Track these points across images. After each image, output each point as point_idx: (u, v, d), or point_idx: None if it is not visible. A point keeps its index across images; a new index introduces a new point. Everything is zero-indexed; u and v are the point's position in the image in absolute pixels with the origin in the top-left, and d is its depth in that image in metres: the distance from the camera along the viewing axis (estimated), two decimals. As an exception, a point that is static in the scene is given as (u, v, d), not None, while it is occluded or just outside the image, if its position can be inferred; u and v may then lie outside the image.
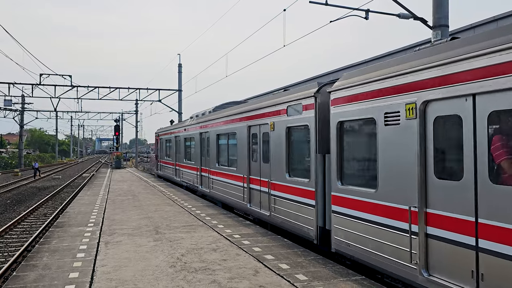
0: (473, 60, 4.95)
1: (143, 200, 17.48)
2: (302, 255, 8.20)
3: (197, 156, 18.45)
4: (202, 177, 17.71)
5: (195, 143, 19.06)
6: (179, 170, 22.67)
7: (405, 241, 6.03)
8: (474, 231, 4.99)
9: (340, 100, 7.70)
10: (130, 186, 24.54)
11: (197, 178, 18.59)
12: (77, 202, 16.99)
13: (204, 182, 17.54)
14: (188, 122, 21.16)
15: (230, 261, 7.82)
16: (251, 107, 12.15)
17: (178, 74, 36.79)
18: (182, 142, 21.94)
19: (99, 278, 6.87)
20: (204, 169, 17.49)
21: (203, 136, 17.62)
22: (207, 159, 17.04)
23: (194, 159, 19.29)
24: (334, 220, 7.85)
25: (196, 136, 18.66)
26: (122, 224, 11.82)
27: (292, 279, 6.74)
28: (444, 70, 5.38)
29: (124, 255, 8.30)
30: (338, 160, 7.76)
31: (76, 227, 11.40)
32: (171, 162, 25.25)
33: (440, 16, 10.05)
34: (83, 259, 8.00)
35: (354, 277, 6.80)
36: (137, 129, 59.84)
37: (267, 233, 10.37)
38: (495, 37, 4.82)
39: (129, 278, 6.83)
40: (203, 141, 17.76)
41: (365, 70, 7.32)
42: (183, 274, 7.06)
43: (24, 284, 6.58)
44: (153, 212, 14.00)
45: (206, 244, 9.21)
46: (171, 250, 8.73)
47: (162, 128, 29.70)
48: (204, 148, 17.62)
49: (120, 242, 9.46)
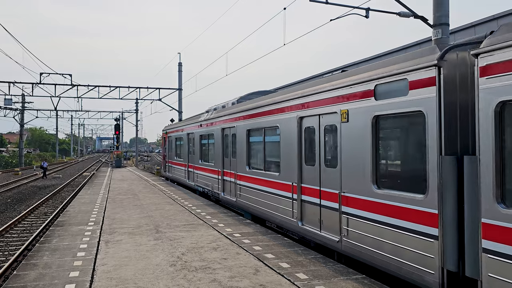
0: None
1: (144, 199, 17.48)
2: (303, 254, 8.19)
3: (218, 156, 15.28)
4: (225, 182, 14.65)
5: (214, 141, 15.80)
6: (193, 172, 19.48)
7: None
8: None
9: (501, 67, 4.86)
10: (131, 185, 24.54)
11: (218, 183, 15.33)
12: (78, 201, 16.99)
13: (227, 189, 14.44)
14: (204, 116, 17.65)
15: (230, 260, 7.82)
16: (305, 91, 9.14)
17: (178, 73, 36.76)
18: (197, 140, 18.73)
19: (100, 277, 6.87)
20: (228, 173, 14.39)
21: (227, 132, 14.65)
22: (232, 160, 13.98)
23: (213, 160, 16.01)
24: (492, 266, 4.87)
25: (217, 133, 15.45)
26: (122, 223, 11.82)
27: (293, 278, 6.74)
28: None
29: (125, 254, 8.30)
30: (498, 167, 4.88)
31: (77, 226, 11.40)
32: (182, 163, 22.06)
33: (440, 15, 10.02)
34: (83, 258, 8.00)
35: (354, 276, 6.80)
36: (137, 128, 59.83)
37: (267, 232, 10.37)
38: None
39: (129, 277, 6.83)
40: (226, 138, 14.73)
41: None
42: (184, 273, 7.06)
43: (24, 283, 6.58)
44: (154, 211, 14.00)
45: (206, 243, 9.20)
46: (171, 249, 8.73)
47: (171, 125, 26.40)
48: (227, 147, 14.52)
49: (120, 241, 9.46)
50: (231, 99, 15.45)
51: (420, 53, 6.20)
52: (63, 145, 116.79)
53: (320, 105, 8.50)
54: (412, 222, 6.12)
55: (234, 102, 14.70)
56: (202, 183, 17.63)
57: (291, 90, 10.12)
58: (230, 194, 14.12)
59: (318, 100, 8.58)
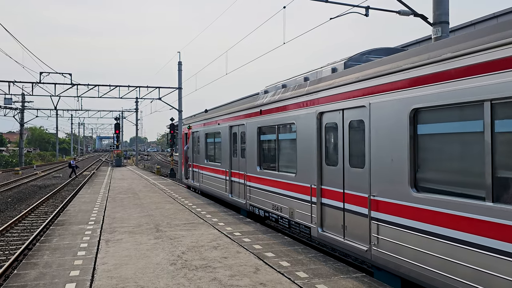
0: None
1: (144, 198, 17.48)
2: (303, 253, 8.19)
3: (308, 162, 8.90)
4: (328, 211, 8.30)
5: (301, 137, 9.24)
6: (243, 185, 12.88)
7: None
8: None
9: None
10: (131, 184, 24.55)
11: (311, 211, 8.81)
12: (78, 200, 17.00)
13: (333, 222, 8.15)
14: (263, 99, 11.40)
15: (230, 259, 7.82)
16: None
17: (178, 72, 36.74)
18: (253, 136, 12.04)
19: (100, 276, 6.87)
20: (331, 193, 8.18)
21: (339, 119, 7.95)
22: (354, 174, 7.60)
23: (301, 167, 9.22)
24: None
25: (302, 123, 9.15)
26: (122, 222, 11.83)
27: (293, 276, 6.74)
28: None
29: (125, 253, 8.31)
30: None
31: (77, 225, 11.40)
32: (218, 169, 15.45)
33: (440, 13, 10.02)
34: (84, 257, 8.00)
35: (354, 274, 6.80)
36: (137, 127, 59.83)
37: (267, 230, 10.38)
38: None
39: (130, 276, 6.84)
40: (331, 132, 8.28)
41: None
42: (184, 271, 7.06)
43: (25, 282, 6.58)
44: (154, 210, 14.01)
45: (206, 242, 9.21)
46: (171, 248, 8.73)
47: (197, 116, 19.61)
48: (340, 146, 7.93)
49: (120, 240, 9.47)
50: (331, 63, 9.29)
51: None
52: (63, 144, 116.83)
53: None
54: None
55: (336, 68, 8.85)
56: (267, 205, 10.99)
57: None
58: (347, 235, 8.00)
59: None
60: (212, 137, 16.62)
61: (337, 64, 8.83)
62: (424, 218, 5.75)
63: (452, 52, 5.39)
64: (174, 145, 39.27)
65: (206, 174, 17.26)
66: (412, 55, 6.17)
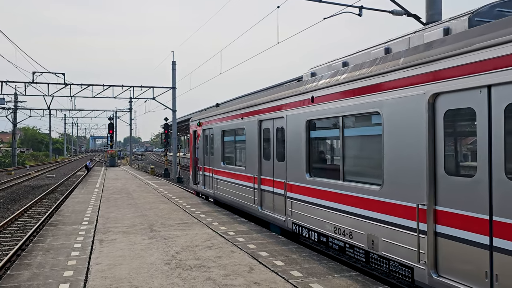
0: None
1: (138, 198, 17.44)
2: (297, 252, 8.22)
3: (409, 168, 6.13)
4: (448, 244, 5.54)
5: (393, 132, 6.45)
6: (282, 197, 9.88)
7: None
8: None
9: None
10: (125, 184, 24.47)
11: (418, 244, 5.86)
12: (71, 201, 16.93)
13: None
14: (314, 82, 8.67)
15: (225, 258, 7.83)
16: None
17: (172, 71, 36.69)
18: (298, 132, 9.18)
19: (94, 276, 6.86)
20: (451, 216, 5.50)
21: (480, 102, 5.15)
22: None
23: (392, 176, 6.45)
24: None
25: (397, 112, 6.35)
26: (116, 222, 11.79)
27: (287, 275, 6.76)
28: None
29: (119, 253, 8.29)
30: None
31: (70, 225, 11.36)
32: (240, 175, 12.53)
33: (433, 13, 10.10)
34: (77, 258, 7.98)
35: (348, 273, 6.83)
36: (131, 127, 59.63)
37: (262, 230, 10.39)
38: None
39: (124, 276, 6.83)
40: (457, 125, 5.78)
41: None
42: (178, 271, 7.06)
43: (18, 283, 6.55)
44: (148, 210, 13.98)
45: (201, 242, 9.21)
46: (166, 247, 8.73)
47: (209, 110, 16.73)
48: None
49: (114, 240, 9.44)
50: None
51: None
52: (56, 144, 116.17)
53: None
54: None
55: (450, 29, 6.38)
56: (319, 224, 8.37)
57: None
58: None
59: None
60: (231, 134, 13.61)
61: (457, 21, 6.30)
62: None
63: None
64: (168, 145, 39.20)
65: (222, 180, 14.23)
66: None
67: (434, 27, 6.55)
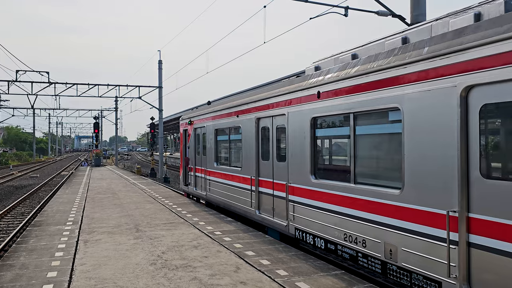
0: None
1: (123, 198, 17.30)
2: (283, 251, 8.24)
3: (439, 171, 5.44)
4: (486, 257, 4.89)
5: (415, 130, 5.80)
6: (283, 200, 9.24)
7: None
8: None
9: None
10: (110, 184, 24.25)
11: (448, 256, 5.18)
12: (56, 201, 16.71)
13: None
14: (320, 76, 7.98)
15: (211, 258, 7.81)
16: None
17: (158, 70, 36.47)
18: (301, 130, 8.56)
19: (78, 276, 6.78)
20: (484, 223, 4.88)
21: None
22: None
23: (417, 178, 5.78)
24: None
25: (419, 107, 5.73)
26: (101, 222, 11.68)
27: (273, 274, 6.77)
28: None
29: (104, 254, 8.21)
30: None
31: (55, 225, 11.21)
32: (236, 176, 11.83)
33: (417, 14, 10.22)
34: (61, 258, 7.88)
35: (334, 272, 6.87)
36: (117, 127, 59.09)
37: (248, 229, 10.39)
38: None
39: (108, 277, 6.76)
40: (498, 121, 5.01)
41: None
42: (164, 271, 7.02)
43: (0, 284, 6.44)
44: (134, 210, 13.87)
45: (187, 242, 9.17)
46: (151, 247, 8.67)
47: (201, 108, 15.92)
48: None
49: (99, 241, 9.35)
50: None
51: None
52: (40, 144, 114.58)
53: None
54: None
55: (481, 14, 5.68)
56: (326, 230, 7.77)
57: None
58: None
59: None
60: (225, 133, 12.91)
61: (489, 5, 5.59)
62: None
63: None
64: (155, 145, 38.95)
65: (216, 181, 13.49)
66: None
67: (462, 13, 5.90)
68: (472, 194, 4.94)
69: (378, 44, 7.20)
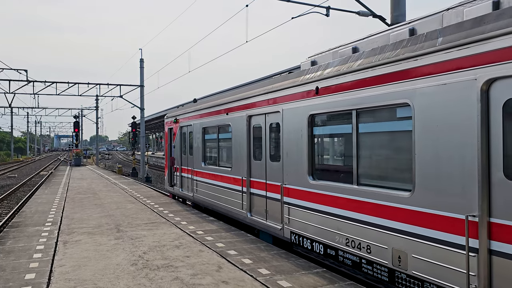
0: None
1: (104, 198, 17.08)
2: (265, 250, 8.26)
3: (457, 170, 4.98)
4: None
5: (426, 128, 5.35)
6: (278, 202, 8.75)
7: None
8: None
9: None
10: (90, 184, 23.92)
11: (467, 265, 4.78)
12: (34, 201, 16.40)
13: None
14: (318, 71, 7.52)
15: (193, 258, 7.78)
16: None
17: (140, 69, 36.13)
18: (298, 128, 8.05)
19: (57, 278, 6.67)
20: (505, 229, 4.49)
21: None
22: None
23: (430, 180, 5.34)
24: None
25: (435, 103, 5.21)
26: (81, 222, 11.51)
27: (255, 273, 6.79)
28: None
29: (84, 254, 8.10)
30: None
31: (33, 226, 11.01)
32: (226, 176, 11.30)
33: (397, 14, 10.36)
34: (40, 260, 7.74)
35: (315, 270, 6.92)
36: (98, 126, 58.28)
37: (231, 228, 10.38)
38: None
39: (88, 278, 6.67)
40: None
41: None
42: (145, 272, 6.97)
43: (-24, 287, 6.30)
44: (115, 210, 13.71)
45: (169, 241, 9.11)
46: (132, 248, 8.59)
47: (187, 106, 15.41)
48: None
49: (79, 241, 9.22)
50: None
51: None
52: (18, 143, 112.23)
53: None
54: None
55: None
56: (325, 235, 7.29)
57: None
58: None
59: None
60: (214, 132, 12.33)
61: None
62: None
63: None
64: (136, 144, 38.57)
65: (203, 182, 12.92)
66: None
67: (478, 1, 5.38)
68: (494, 197, 4.50)
69: (382, 36, 6.75)
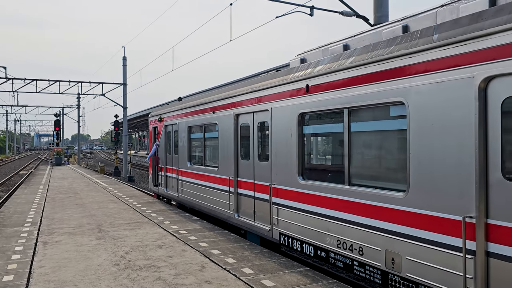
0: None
1: (86, 198, 16.84)
2: (249, 249, 8.25)
3: (456, 171, 4.82)
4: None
5: (421, 127, 5.23)
6: (266, 203, 8.60)
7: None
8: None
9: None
10: (72, 184, 23.57)
11: (463, 268, 4.68)
12: (13, 201, 16.08)
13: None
14: (309, 69, 7.35)
15: (176, 257, 7.72)
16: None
17: (123, 67, 35.70)
18: (287, 127, 7.87)
19: (36, 280, 6.54)
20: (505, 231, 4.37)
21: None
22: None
23: (423, 178, 5.22)
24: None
25: (431, 101, 5.08)
26: (62, 223, 11.32)
27: (238, 273, 6.77)
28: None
29: (64, 255, 7.96)
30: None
31: (11, 227, 10.78)
32: (212, 176, 11.11)
33: (381, 15, 10.46)
34: (18, 261, 7.58)
35: (299, 269, 6.94)
36: (80, 124, 57.45)
37: (214, 228, 10.34)
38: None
39: (69, 279, 6.56)
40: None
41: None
42: (127, 272, 6.88)
43: (-49, 289, 6.14)
44: (96, 210, 13.53)
45: (151, 241, 9.03)
46: (114, 248, 8.48)
47: (172, 104, 15.23)
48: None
49: (59, 242, 9.06)
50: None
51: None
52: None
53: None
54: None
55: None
56: (317, 236, 7.13)
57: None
58: None
59: None
60: (200, 130, 12.08)
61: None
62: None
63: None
64: (119, 143, 38.15)
65: (189, 182, 12.72)
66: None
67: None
68: (492, 198, 4.39)
69: (374, 33, 6.59)
